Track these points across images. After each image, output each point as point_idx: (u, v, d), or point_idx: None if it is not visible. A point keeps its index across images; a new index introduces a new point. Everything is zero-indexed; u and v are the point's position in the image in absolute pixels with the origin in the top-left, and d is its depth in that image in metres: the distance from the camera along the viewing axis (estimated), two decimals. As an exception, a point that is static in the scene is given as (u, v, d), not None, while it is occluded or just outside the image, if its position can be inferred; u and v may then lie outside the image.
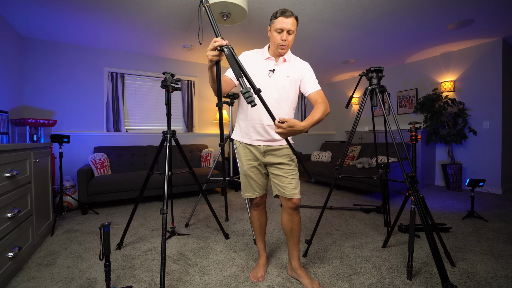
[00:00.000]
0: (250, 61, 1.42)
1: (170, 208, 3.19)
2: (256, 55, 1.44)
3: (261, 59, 1.42)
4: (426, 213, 1.55)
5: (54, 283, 1.50)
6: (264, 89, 1.34)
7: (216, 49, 1.07)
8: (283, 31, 1.30)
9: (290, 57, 1.43)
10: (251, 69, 1.39)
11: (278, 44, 1.33)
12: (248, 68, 1.39)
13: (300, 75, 1.42)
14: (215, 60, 1.11)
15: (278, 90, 1.37)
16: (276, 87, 1.37)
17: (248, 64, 1.40)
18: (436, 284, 1.46)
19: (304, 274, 1.46)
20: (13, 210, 1.51)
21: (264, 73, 1.39)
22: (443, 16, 2.87)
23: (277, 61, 1.40)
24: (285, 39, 1.30)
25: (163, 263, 1.32)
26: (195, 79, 4.50)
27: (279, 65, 1.40)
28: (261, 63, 1.41)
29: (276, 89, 1.37)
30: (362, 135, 4.94)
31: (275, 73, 1.38)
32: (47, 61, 3.43)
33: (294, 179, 1.42)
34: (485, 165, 3.73)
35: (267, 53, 1.41)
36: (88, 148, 3.64)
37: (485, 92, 3.71)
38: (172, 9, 2.67)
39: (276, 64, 1.40)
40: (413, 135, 1.89)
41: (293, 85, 1.40)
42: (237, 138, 1.49)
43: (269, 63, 1.40)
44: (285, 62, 1.41)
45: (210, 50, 1.08)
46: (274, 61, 1.40)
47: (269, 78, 1.37)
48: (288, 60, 1.42)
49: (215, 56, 1.09)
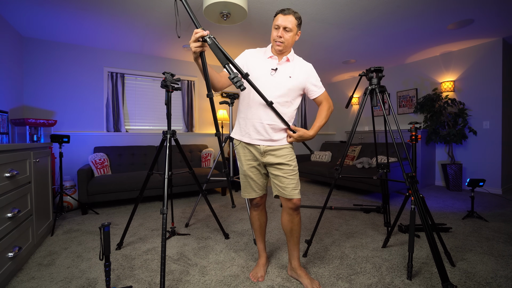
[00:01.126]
0: (252, 59, 1.41)
1: (170, 208, 3.19)
2: (259, 53, 1.43)
3: (264, 58, 1.41)
4: (426, 213, 1.55)
5: (54, 283, 1.50)
6: (266, 88, 1.34)
7: (198, 40, 1.09)
8: (279, 27, 1.31)
9: (293, 57, 1.42)
10: (253, 66, 1.39)
11: (274, 40, 1.34)
12: (251, 65, 1.39)
13: (305, 79, 1.41)
14: (198, 51, 1.13)
15: (279, 89, 1.35)
16: (278, 86, 1.36)
17: (250, 62, 1.40)
18: (436, 284, 1.46)
19: (304, 274, 1.46)
20: (13, 210, 1.51)
21: (267, 71, 1.37)
22: (443, 16, 2.87)
23: (280, 60, 1.39)
24: (280, 35, 1.31)
25: (163, 263, 1.31)
26: (195, 79, 4.50)
27: (282, 64, 1.39)
28: (264, 61, 1.40)
29: (277, 88, 1.35)
30: (362, 135, 4.94)
31: (277, 72, 1.37)
32: (47, 61, 3.43)
33: (294, 180, 1.41)
34: (485, 165, 3.73)
35: (269, 52, 1.40)
36: (88, 148, 3.64)
37: (485, 92, 3.71)
38: (172, 9, 2.67)
39: (279, 63, 1.39)
40: (413, 135, 1.89)
41: (295, 87, 1.39)
42: (237, 137, 1.48)
43: (271, 61, 1.39)
44: (288, 62, 1.40)
45: (192, 42, 1.10)
46: (277, 60, 1.39)
47: (271, 77, 1.36)
48: (292, 60, 1.41)
49: (198, 47, 1.11)
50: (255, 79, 1.34)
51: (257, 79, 1.35)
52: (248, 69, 1.39)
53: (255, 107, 1.36)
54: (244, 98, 1.43)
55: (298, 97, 1.44)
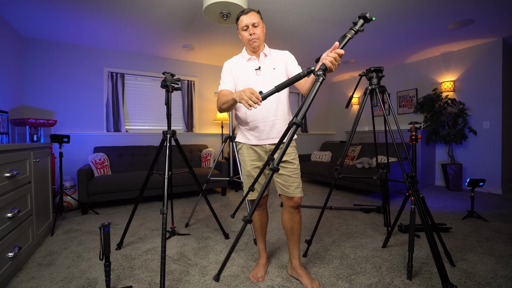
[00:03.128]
0: (235, 67, 1.46)
1: (170, 208, 3.19)
2: (238, 59, 1.49)
3: (244, 62, 1.46)
4: (426, 213, 1.55)
5: (54, 283, 1.50)
6: (258, 88, 1.39)
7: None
8: (248, 26, 1.36)
9: (269, 51, 1.47)
10: (238, 74, 1.44)
11: (248, 40, 1.38)
12: (235, 74, 1.45)
13: (284, 61, 1.45)
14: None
15: (270, 85, 1.39)
16: (266, 83, 1.40)
17: (235, 71, 1.46)
18: (436, 284, 1.46)
19: (304, 273, 1.46)
20: (13, 210, 1.51)
21: (252, 73, 1.42)
22: (443, 16, 2.87)
23: (259, 58, 1.44)
24: (253, 32, 1.36)
25: (163, 263, 1.32)
26: (195, 79, 4.50)
27: (262, 61, 1.43)
28: (245, 65, 1.45)
29: (268, 84, 1.40)
30: (362, 135, 4.94)
31: (261, 70, 1.42)
32: (47, 61, 3.43)
33: (297, 178, 1.42)
34: (485, 165, 3.73)
35: (246, 55, 1.46)
36: (88, 148, 3.64)
37: (485, 92, 3.71)
38: (172, 9, 2.67)
39: (259, 62, 1.43)
40: (413, 135, 1.89)
41: (281, 76, 1.43)
42: (243, 141, 1.50)
43: (252, 63, 1.44)
44: (267, 56, 1.45)
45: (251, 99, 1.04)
46: (256, 59, 1.44)
47: (257, 77, 1.41)
48: (269, 54, 1.46)
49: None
50: (246, 84, 1.41)
51: (245, 83, 1.41)
52: (236, 77, 1.45)
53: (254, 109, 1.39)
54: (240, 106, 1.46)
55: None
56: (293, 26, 3.11)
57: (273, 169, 0.78)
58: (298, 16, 2.86)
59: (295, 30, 3.24)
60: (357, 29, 0.96)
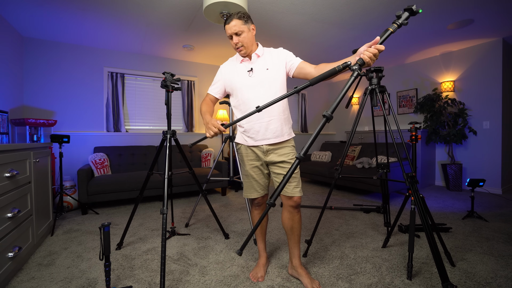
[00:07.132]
0: (229, 70, 1.48)
1: (170, 208, 3.18)
2: (232, 63, 1.50)
3: (237, 64, 1.47)
4: (426, 213, 1.55)
5: (54, 283, 1.50)
6: (251, 90, 1.40)
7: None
8: (232, 36, 1.37)
9: (263, 51, 1.46)
10: (230, 77, 1.46)
11: (235, 49, 1.41)
12: (228, 78, 1.47)
13: (282, 60, 1.42)
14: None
15: (262, 86, 1.39)
16: (259, 84, 1.40)
17: (228, 74, 1.47)
18: (436, 284, 1.46)
19: (304, 273, 1.47)
20: (13, 210, 1.51)
21: (244, 76, 1.43)
22: (443, 16, 2.87)
23: (251, 60, 1.44)
24: (236, 41, 1.37)
25: (163, 263, 1.32)
26: (195, 79, 4.50)
27: (255, 62, 1.43)
28: (238, 67, 1.46)
29: (261, 85, 1.39)
30: (362, 135, 4.94)
31: (254, 71, 1.42)
32: (47, 61, 3.43)
33: (295, 178, 1.42)
34: (485, 165, 3.73)
35: (239, 57, 1.47)
36: (88, 148, 3.64)
37: (485, 92, 3.71)
38: (172, 9, 2.67)
39: (251, 63, 1.43)
40: (413, 135, 1.89)
41: (277, 76, 1.41)
42: (241, 142, 1.51)
43: (245, 65, 1.45)
44: (259, 57, 1.44)
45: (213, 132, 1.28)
46: (248, 60, 1.44)
47: (250, 78, 1.41)
48: (262, 54, 1.45)
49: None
50: (239, 88, 1.42)
51: (237, 85, 1.43)
52: (228, 80, 1.47)
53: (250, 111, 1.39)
54: (237, 107, 1.49)
55: (284, 85, 1.45)
56: (293, 26, 3.11)
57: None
58: (298, 16, 2.86)
59: (295, 30, 3.24)
60: (400, 23, 0.89)
